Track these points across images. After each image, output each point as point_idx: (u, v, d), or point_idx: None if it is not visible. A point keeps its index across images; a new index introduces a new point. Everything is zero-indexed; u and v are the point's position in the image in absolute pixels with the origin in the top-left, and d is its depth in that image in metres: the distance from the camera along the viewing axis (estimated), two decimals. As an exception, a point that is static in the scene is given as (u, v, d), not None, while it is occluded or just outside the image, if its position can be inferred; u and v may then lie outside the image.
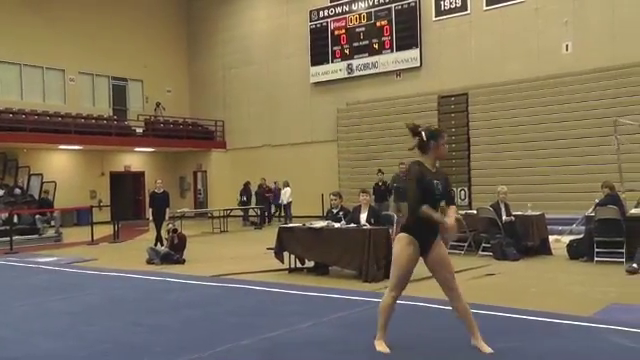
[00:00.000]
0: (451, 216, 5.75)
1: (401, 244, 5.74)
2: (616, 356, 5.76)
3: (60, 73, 29.48)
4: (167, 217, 17.35)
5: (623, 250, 11.64)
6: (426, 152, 5.79)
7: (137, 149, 31.23)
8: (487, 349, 5.73)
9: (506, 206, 13.67)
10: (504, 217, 13.44)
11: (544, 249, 13.56)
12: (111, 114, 30.88)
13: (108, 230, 20.69)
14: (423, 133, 5.78)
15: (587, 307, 7.79)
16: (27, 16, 27.61)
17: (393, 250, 5.90)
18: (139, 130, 30.57)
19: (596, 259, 11.85)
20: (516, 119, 21.82)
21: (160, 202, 17.48)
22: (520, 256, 12.85)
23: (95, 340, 6.87)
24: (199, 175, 33.41)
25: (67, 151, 28.70)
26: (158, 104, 32.39)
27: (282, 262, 11.89)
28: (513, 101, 22.22)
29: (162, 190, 17.68)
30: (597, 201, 12.58)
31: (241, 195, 26.86)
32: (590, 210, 13.21)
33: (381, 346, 5.95)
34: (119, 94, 31.85)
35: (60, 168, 28.04)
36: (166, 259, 13.84)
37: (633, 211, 12.93)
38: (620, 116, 17.77)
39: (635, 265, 10.68)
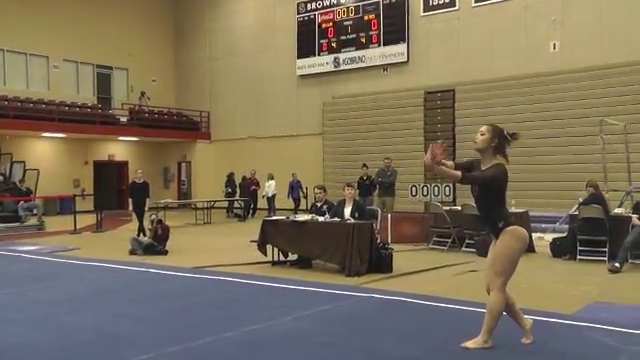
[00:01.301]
0: None
1: None
2: (597, 354, 5.79)
3: (44, 60, 29.16)
4: (147, 208, 17.28)
5: (606, 249, 11.71)
6: None
7: (121, 138, 31.00)
8: (468, 345, 5.79)
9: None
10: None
11: (527, 247, 13.57)
12: (95, 102, 30.65)
13: (91, 219, 20.55)
14: None
15: (569, 305, 7.82)
16: (11, 2, 27.34)
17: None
18: (123, 119, 30.36)
19: (579, 257, 11.92)
20: (502, 116, 21.71)
21: (140, 192, 17.39)
22: (503, 253, 12.87)
23: (76, 330, 6.83)
24: (183, 166, 33.24)
25: (50, 139, 28.44)
26: (143, 93, 32.22)
27: (265, 255, 11.86)
28: (500, 98, 22.23)
29: (142, 180, 17.58)
30: (581, 200, 12.63)
31: (226, 186, 26.77)
32: (574, 209, 13.27)
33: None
34: (103, 82, 31.58)
35: (43, 156, 27.80)
36: (149, 250, 13.76)
37: (617, 210, 13.01)
38: (606, 116, 17.86)
39: (617, 264, 10.73)
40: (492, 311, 5.81)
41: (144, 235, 15.85)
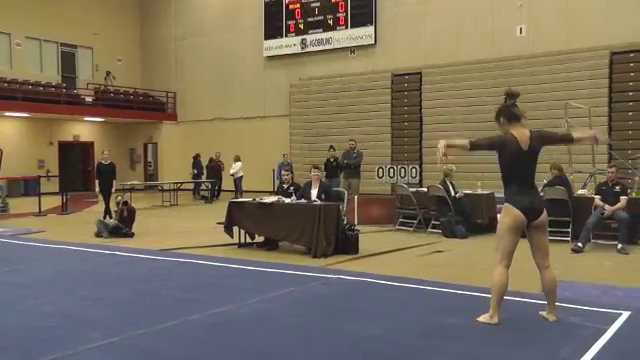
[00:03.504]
0: None
1: None
2: (559, 332, 5.88)
3: (6, 37, 28.54)
4: (114, 189, 17.17)
5: (569, 229, 11.92)
6: None
7: (86, 118, 30.65)
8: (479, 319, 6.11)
9: (452, 184, 13.85)
10: (454, 194, 13.59)
11: (492, 227, 13.72)
12: (60, 82, 30.21)
13: (56, 201, 20.36)
14: None
15: (532, 284, 7.90)
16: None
17: None
18: (89, 99, 30.03)
19: (542, 238, 12.06)
20: (469, 99, 21.92)
21: (106, 173, 17.27)
22: (469, 234, 13.03)
23: (41, 314, 6.77)
24: (149, 147, 33.03)
25: (14, 118, 28.00)
26: (108, 73, 31.85)
27: (232, 237, 11.86)
28: (466, 81, 22.30)
29: (109, 161, 17.47)
30: (545, 182, 12.78)
31: (192, 168, 26.66)
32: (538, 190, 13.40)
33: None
34: (68, 61, 31.09)
35: (6, 136, 27.35)
36: (115, 232, 13.68)
37: (580, 192, 13.26)
38: (570, 99, 18.04)
39: (580, 244, 10.96)
40: (492, 285, 6.08)
41: (110, 217, 15.76)
